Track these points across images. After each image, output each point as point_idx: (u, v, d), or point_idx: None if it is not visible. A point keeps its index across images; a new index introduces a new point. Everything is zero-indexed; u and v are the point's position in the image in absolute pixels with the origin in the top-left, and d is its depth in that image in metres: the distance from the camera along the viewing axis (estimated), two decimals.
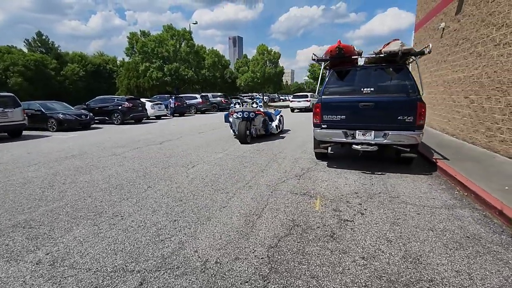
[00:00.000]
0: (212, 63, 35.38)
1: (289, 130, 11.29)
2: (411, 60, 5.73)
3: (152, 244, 2.75)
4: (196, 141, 8.97)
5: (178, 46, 31.33)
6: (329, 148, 5.89)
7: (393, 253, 2.53)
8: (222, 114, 22.40)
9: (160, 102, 19.32)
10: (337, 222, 3.16)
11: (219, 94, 28.59)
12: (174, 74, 28.99)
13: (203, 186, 4.52)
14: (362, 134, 4.98)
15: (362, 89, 4.94)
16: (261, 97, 42.28)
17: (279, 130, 10.14)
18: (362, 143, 4.96)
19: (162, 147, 8.01)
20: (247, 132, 8.44)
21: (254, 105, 9.66)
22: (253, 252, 2.58)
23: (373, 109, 4.84)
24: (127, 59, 31.45)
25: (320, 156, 6.11)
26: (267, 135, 9.56)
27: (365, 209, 3.50)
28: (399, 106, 4.72)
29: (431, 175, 4.98)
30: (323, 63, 5.76)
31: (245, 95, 47.16)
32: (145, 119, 17.53)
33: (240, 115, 8.47)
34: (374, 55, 4.94)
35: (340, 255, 2.51)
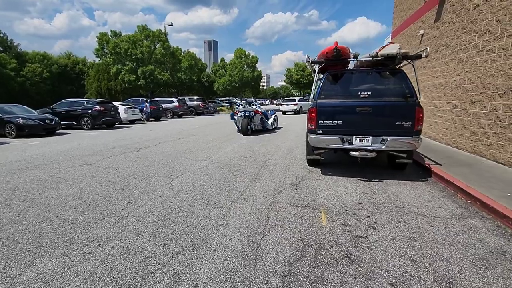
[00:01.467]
0: (189, 66, 34.49)
1: (282, 127, 13.68)
2: (401, 64, 5.67)
3: (140, 278, 2.25)
4: (177, 148, 8.38)
5: (153, 48, 30.17)
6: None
7: (422, 276, 2.25)
8: (200, 118, 21.83)
9: (134, 105, 18.27)
10: (350, 240, 2.84)
11: (196, 97, 27.82)
12: (149, 77, 27.79)
13: (192, 199, 4.03)
14: (360, 140, 4.78)
15: (359, 93, 4.74)
16: (241, 101, 41.99)
17: (273, 127, 12.45)
18: (360, 150, 4.74)
19: (140, 155, 7.35)
20: (248, 127, 10.75)
21: (254, 107, 12.19)
22: (265, 284, 2.17)
23: (370, 114, 4.65)
24: (97, 60, 29.72)
25: (312, 163, 5.85)
26: (264, 130, 11.88)
27: (375, 222, 3.23)
28: (397, 111, 4.57)
29: (427, 181, 4.88)
30: (316, 66, 5.53)
31: (222, 99, 46.60)
32: (118, 124, 16.44)
33: (243, 114, 10.95)
34: (370, 58, 4.78)
35: (366, 282, 2.18)
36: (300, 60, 46.93)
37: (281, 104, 27.92)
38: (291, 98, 30.46)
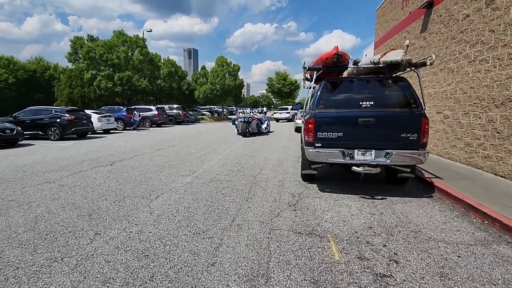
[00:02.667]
0: (168, 73, 33.48)
1: (273, 131, 16.65)
2: (397, 72, 5.40)
3: None
4: (156, 161, 7.63)
5: (130, 54, 28.97)
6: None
7: None
8: (180, 128, 20.90)
9: (109, 114, 17.12)
10: (374, 280, 2.34)
11: (177, 106, 26.86)
12: (126, 83, 26.50)
13: (175, 227, 3.38)
14: (362, 153, 4.36)
15: (360, 103, 4.35)
16: (221, 110, 41.32)
17: (266, 131, 15.57)
18: (363, 165, 4.32)
19: (114, 170, 6.53)
20: (247, 130, 13.48)
21: (251, 114, 15.47)
22: None
23: (374, 125, 4.26)
24: (70, 65, 27.97)
25: (307, 178, 5.37)
26: (259, 133, 14.67)
27: (395, 254, 2.76)
28: (402, 122, 4.22)
29: (432, 197, 4.54)
30: (307, 74, 5.13)
31: (203, 107, 45.69)
32: (90, 134, 15.26)
33: (242, 119, 13.78)
34: (371, 65, 4.43)
35: None
36: (281, 70, 47.40)
37: (275, 113, 28.93)
38: (283, 107, 32.42)
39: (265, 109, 33.36)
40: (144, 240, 3.05)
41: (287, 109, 28.80)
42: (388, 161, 4.24)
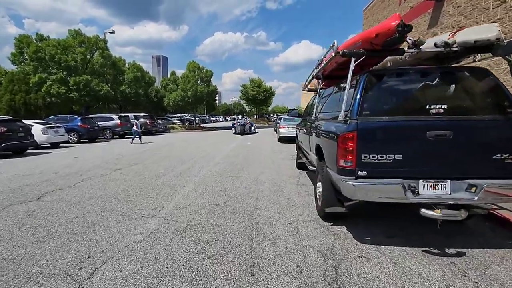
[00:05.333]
0: (134, 78, 30.55)
1: (258, 132, 22.77)
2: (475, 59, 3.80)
3: None
4: (108, 189, 5.52)
5: (89, 56, 25.81)
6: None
7: None
8: (148, 139, 18.36)
9: (58, 124, 14.31)
10: None
11: (144, 114, 24.19)
12: (84, 88, 23.31)
13: None
14: (431, 186, 2.78)
15: (428, 106, 2.78)
16: (194, 118, 38.90)
17: (254, 131, 22.97)
18: (435, 204, 2.72)
19: (38, 209, 4.37)
20: (243, 130, 21.26)
21: (245, 119, 25.09)
22: None
23: (450, 141, 2.71)
24: (14, 68, 24.12)
25: (329, 217, 3.69)
26: (250, 133, 22.08)
27: None
28: (494, 136, 2.71)
29: None
30: (329, 67, 3.51)
31: (173, 115, 42.81)
32: (32, 149, 12.44)
33: (240, 123, 22.04)
34: (440, 49, 2.88)
35: None
36: (255, 77, 46.12)
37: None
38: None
39: (246, 117, 36.62)
40: None
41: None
42: (476, 197, 2.68)
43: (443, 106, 2.76)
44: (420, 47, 2.87)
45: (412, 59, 3.42)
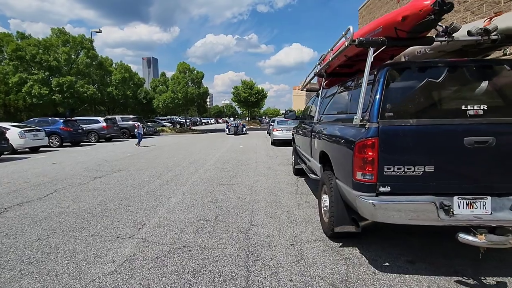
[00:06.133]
0: (122, 79, 29.54)
1: (248, 133, 25.78)
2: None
3: None
4: (83, 202, 4.86)
5: (74, 56, 24.76)
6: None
7: None
8: (135, 142, 17.56)
9: (37, 127, 13.41)
10: None
11: (132, 116, 23.31)
12: (68, 90, 22.25)
13: None
14: (468, 204, 2.28)
15: (464, 107, 2.28)
16: (183, 120, 38.01)
17: (245, 132, 26.43)
18: (475, 228, 2.21)
19: None
20: (236, 131, 24.53)
21: (238, 121, 34.55)
22: None
23: (491, 149, 2.21)
24: None
25: (339, 236, 3.15)
26: (242, 133, 25.21)
27: None
28: None
29: None
30: (335, 61, 3.00)
31: (163, 118, 41.79)
32: (7, 154, 11.56)
33: (234, 124, 26.08)
34: (477, 38, 2.38)
35: None
36: (247, 79, 45.62)
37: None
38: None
39: (238, 120, 42.04)
40: None
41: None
42: None
43: (482, 107, 2.26)
44: (453, 35, 2.38)
45: (433, 52, 2.93)
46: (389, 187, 2.30)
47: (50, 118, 15.95)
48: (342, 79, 4.24)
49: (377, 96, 2.37)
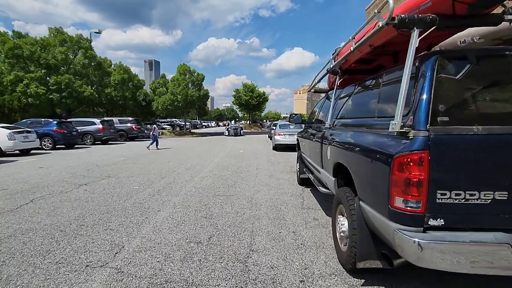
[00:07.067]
0: (121, 81, 29.02)
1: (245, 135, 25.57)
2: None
3: None
4: (58, 216, 4.22)
5: (72, 56, 24.25)
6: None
7: None
8: (131, 145, 16.96)
9: (27, 129, 12.81)
10: None
11: (130, 119, 22.73)
12: (65, 89, 21.68)
13: None
14: None
15: None
16: (183, 123, 37.47)
17: (242, 133, 29.53)
18: None
19: None
20: (235, 133, 28.16)
21: (237, 123, 41.16)
22: None
23: None
24: None
25: (357, 270, 2.50)
26: (240, 135, 28.49)
27: None
28: None
29: None
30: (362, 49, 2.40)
31: (163, 120, 41.24)
32: None
33: (233, 127, 29.67)
34: None
35: None
36: (248, 82, 45.04)
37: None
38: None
39: (237, 122, 45.70)
40: None
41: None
42: None
43: None
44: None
45: (483, 40, 2.32)
46: (442, 220, 1.66)
47: (43, 120, 15.36)
48: (358, 77, 3.64)
49: (425, 95, 1.74)
